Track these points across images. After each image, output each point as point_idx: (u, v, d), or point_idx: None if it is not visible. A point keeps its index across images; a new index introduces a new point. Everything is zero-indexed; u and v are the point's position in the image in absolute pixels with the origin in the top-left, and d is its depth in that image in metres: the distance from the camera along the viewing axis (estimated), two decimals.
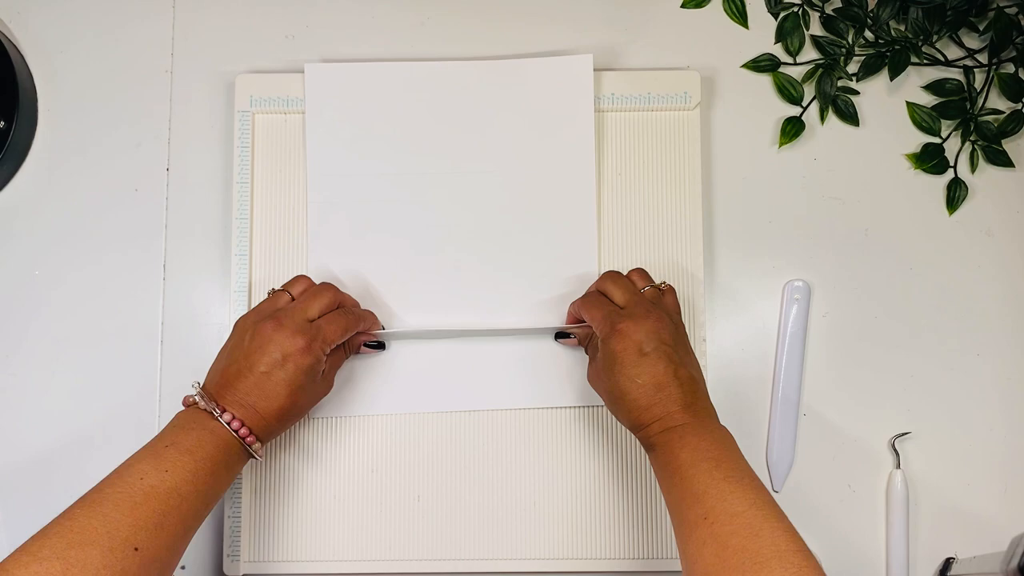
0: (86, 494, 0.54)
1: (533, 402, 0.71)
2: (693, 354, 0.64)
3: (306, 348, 0.61)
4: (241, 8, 0.76)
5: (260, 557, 0.69)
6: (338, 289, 0.67)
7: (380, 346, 0.70)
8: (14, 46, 0.74)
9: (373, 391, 0.71)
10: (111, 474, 0.55)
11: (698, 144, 0.73)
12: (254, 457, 0.61)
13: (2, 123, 0.71)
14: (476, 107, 0.73)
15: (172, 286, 0.73)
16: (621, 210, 0.73)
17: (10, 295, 0.73)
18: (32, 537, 0.51)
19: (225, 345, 0.64)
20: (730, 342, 0.73)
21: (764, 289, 0.74)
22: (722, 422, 0.71)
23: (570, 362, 0.71)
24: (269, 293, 0.67)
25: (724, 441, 0.58)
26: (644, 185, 0.73)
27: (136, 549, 0.51)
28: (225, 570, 0.69)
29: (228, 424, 0.59)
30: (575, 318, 0.69)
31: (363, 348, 0.69)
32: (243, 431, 0.59)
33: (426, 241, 0.72)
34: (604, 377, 0.62)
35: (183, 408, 0.61)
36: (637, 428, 0.61)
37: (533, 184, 0.72)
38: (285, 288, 0.66)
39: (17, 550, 0.50)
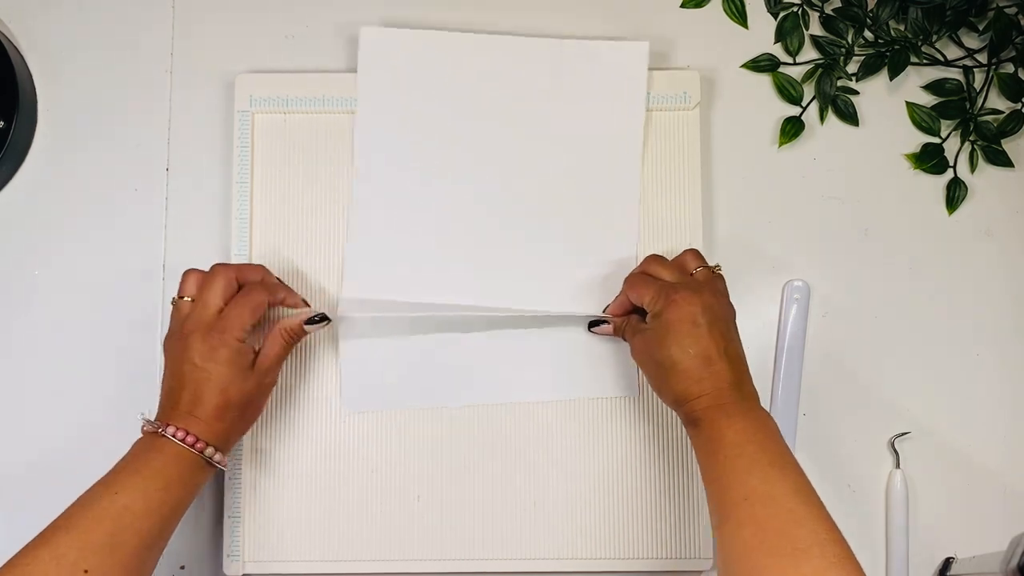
0: (38, 534, 0.55)
1: (563, 394, 0.71)
2: (736, 329, 0.63)
3: (219, 341, 0.61)
4: (241, 8, 0.76)
5: (260, 557, 0.69)
6: (230, 266, 0.65)
7: (323, 319, 0.67)
8: (14, 46, 0.74)
9: (398, 385, 0.71)
10: (69, 508, 0.56)
11: (698, 144, 0.73)
12: (216, 466, 0.61)
13: (2, 123, 0.71)
14: (528, 84, 0.72)
15: (172, 286, 0.73)
16: None
17: (10, 295, 0.73)
18: None
19: (164, 372, 0.64)
20: None
21: (764, 289, 0.74)
22: None
23: (600, 351, 0.71)
24: (171, 303, 0.65)
25: (769, 426, 0.58)
26: (644, 185, 0.73)
27: (86, 571, 0.52)
28: (225, 570, 0.69)
29: (173, 436, 0.59)
30: (619, 309, 0.68)
31: (305, 327, 0.67)
32: (189, 439, 0.59)
33: (466, 217, 0.72)
34: (655, 348, 0.61)
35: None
36: (683, 401, 0.60)
37: (578, 167, 0.72)
38: (180, 294, 0.65)
39: None
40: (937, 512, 0.71)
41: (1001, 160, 0.74)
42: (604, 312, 0.69)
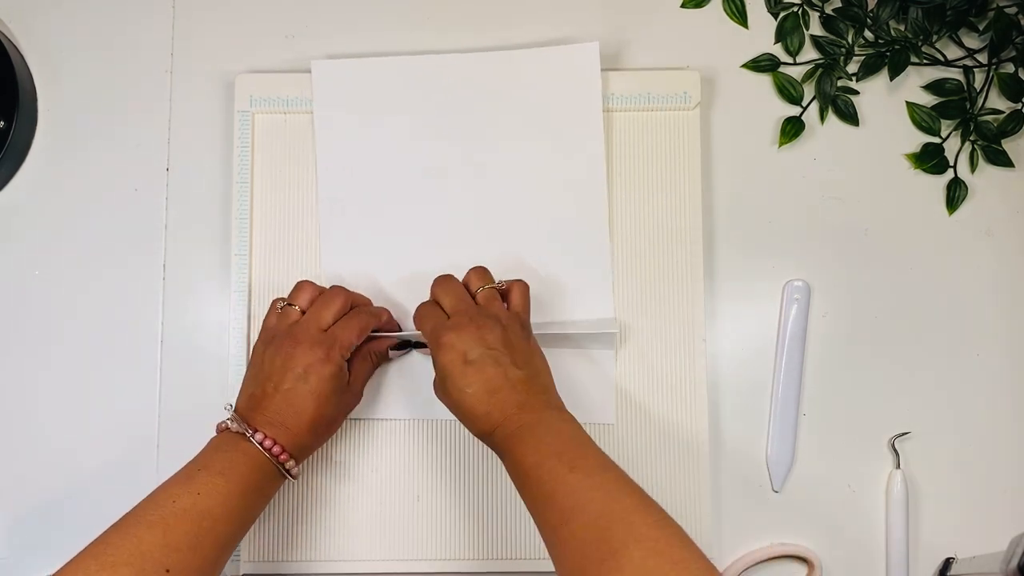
0: (120, 518, 0.54)
1: None
2: (532, 349, 0.62)
3: (325, 358, 0.61)
4: (241, 8, 0.76)
5: (260, 557, 0.69)
6: (347, 290, 0.66)
7: (408, 347, 0.70)
8: (14, 46, 0.74)
9: (383, 395, 0.71)
10: (144, 498, 0.56)
11: (698, 144, 0.73)
12: (289, 476, 0.61)
13: (2, 123, 0.71)
14: (484, 99, 0.73)
15: (172, 286, 0.73)
16: (621, 210, 0.73)
17: (10, 295, 0.73)
18: (68, 562, 0.51)
19: (248, 371, 0.64)
20: (730, 342, 0.73)
21: (764, 289, 0.73)
22: (722, 422, 0.72)
23: (576, 373, 0.71)
24: (279, 308, 0.66)
25: (564, 431, 0.57)
26: (644, 185, 0.73)
27: (167, 571, 0.52)
28: (225, 570, 0.69)
29: (260, 444, 0.59)
30: None
31: (390, 354, 0.69)
32: (275, 449, 0.59)
33: (437, 236, 0.72)
34: (440, 392, 0.62)
35: (216, 434, 0.61)
36: (482, 437, 0.60)
37: (543, 177, 0.72)
38: (292, 301, 0.65)
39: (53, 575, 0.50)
40: (937, 512, 0.71)
41: (1001, 160, 0.74)
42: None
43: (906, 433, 0.72)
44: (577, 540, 0.51)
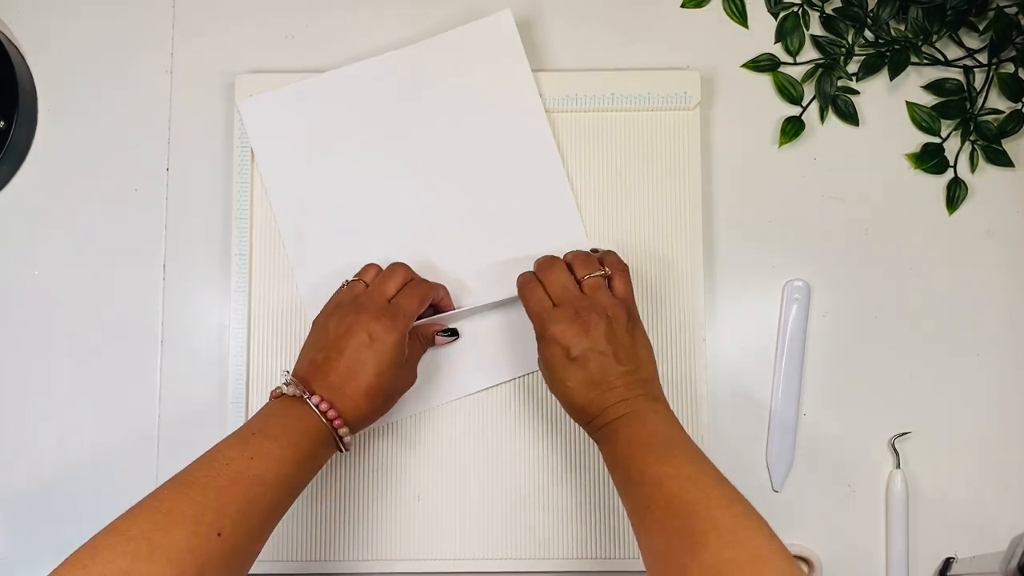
0: (175, 476, 0.54)
1: (522, 369, 0.71)
2: (636, 340, 0.63)
3: (391, 326, 0.62)
4: (241, 8, 0.76)
5: (261, 557, 0.69)
6: (408, 266, 0.67)
7: (454, 333, 0.71)
8: (14, 46, 0.74)
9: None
10: (199, 458, 0.56)
11: (698, 144, 0.73)
12: (341, 448, 0.61)
13: (2, 123, 0.71)
14: (417, 93, 0.73)
15: (172, 286, 0.73)
16: (621, 210, 0.73)
17: (10, 295, 0.73)
18: (121, 516, 0.51)
19: (309, 339, 0.64)
20: (730, 342, 0.73)
21: (764, 289, 0.74)
22: (722, 422, 0.72)
23: None
24: (346, 284, 0.67)
25: (658, 422, 0.59)
26: (644, 185, 0.73)
27: (219, 535, 0.51)
28: None
29: (317, 406, 0.59)
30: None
31: (437, 338, 0.70)
32: (331, 413, 0.59)
33: (405, 239, 0.72)
34: (544, 376, 0.64)
35: (270, 400, 0.61)
36: (581, 424, 0.62)
37: (495, 157, 0.72)
38: (359, 277, 0.67)
39: (106, 528, 0.50)
40: (937, 512, 0.71)
41: (1001, 160, 0.74)
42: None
43: (906, 433, 0.72)
44: (661, 527, 0.52)
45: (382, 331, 0.61)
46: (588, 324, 0.61)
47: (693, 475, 0.54)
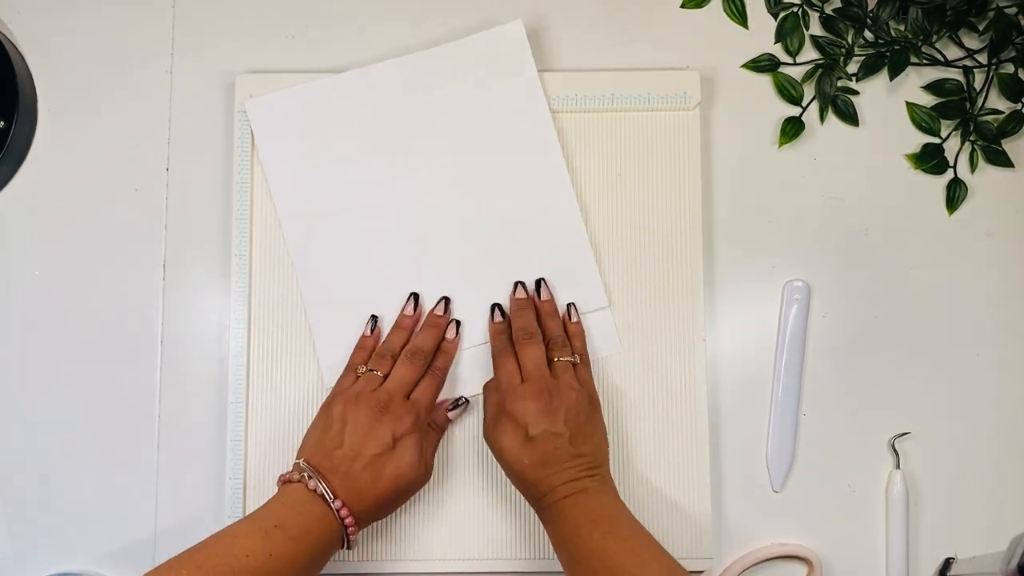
0: (191, 553, 0.55)
1: None
2: (595, 425, 0.65)
3: (412, 426, 0.63)
4: (241, 8, 0.76)
5: None
6: (424, 355, 0.67)
7: (465, 402, 0.70)
8: (14, 46, 0.74)
9: None
10: (216, 539, 0.57)
11: (698, 144, 0.73)
12: (348, 546, 0.61)
13: (2, 123, 0.71)
14: (426, 99, 0.72)
15: (172, 286, 0.73)
16: (621, 210, 0.73)
17: (10, 295, 0.73)
18: None
19: (322, 426, 0.64)
20: (730, 342, 0.73)
21: (764, 289, 0.74)
22: (722, 422, 0.72)
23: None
24: (360, 372, 0.66)
25: (605, 502, 0.61)
26: (644, 185, 0.73)
27: None
28: None
29: (338, 511, 0.59)
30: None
31: (450, 415, 0.69)
32: (349, 520, 0.60)
33: (409, 245, 0.71)
34: (490, 444, 0.64)
35: (283, 483, 0.61)
36: (526, 497, 0.64)
37: (501, 166, 0.72)
38: (373, 368, 0.66)
39: None
40: (937, 512, 0.72)
41: (1001, 160, 0.74)
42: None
43: (906, 433, 0.72)
44: None
45: (405, 432, 0.62)
46: (552, 405, 0.63)
47: (636, 548, 0.57)
